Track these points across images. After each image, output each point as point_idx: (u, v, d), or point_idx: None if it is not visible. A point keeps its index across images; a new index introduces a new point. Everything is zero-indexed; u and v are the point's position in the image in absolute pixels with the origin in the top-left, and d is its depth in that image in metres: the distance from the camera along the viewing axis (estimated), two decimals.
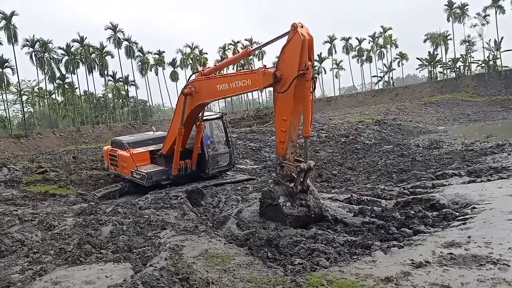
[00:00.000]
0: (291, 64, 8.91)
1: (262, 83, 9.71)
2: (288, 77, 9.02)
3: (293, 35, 8.73)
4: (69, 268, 7.59)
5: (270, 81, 9.36)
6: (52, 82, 76.86)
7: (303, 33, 8.57)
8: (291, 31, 8.76)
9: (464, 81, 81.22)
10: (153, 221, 10.22)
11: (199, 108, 13.13)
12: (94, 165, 22.62)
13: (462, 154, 18.67)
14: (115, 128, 72.68)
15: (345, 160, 21.60)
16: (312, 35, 8.79)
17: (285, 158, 9.74)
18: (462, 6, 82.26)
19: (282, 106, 9.46)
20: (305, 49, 8.62)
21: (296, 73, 8.76)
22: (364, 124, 34.63)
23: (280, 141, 9.80)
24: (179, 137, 13.56)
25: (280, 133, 9.73)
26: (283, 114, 9.49)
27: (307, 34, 8.63)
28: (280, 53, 9.19)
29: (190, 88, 12.36)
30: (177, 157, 14.15)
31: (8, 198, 15.27)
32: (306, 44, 8.59)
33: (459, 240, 7.37)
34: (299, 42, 8.58)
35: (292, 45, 8.80)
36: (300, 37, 8.54)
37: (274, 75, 9.19)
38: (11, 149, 54.10)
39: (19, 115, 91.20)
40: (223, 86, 11.12)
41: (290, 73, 8.96)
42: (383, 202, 11.41)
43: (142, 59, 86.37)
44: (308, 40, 8.59)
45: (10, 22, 65.43)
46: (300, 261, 7.44)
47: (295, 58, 8.75)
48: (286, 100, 9.26)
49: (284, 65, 9.13)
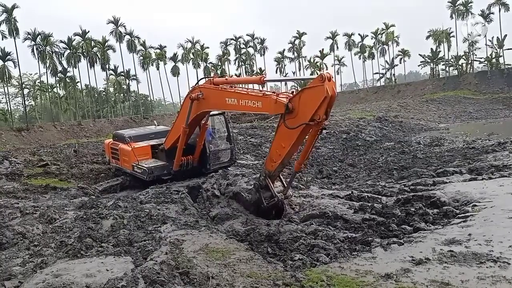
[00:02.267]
0: (305, 109, 8.81)
1: (273, 110, 9.72)
2: (298, 115, 8.94)
3: (318, 85, 8.54)
4: (70, 261, 7.62)
5: (281, 111, 9.28)
6: (54, 76, 76.78)
7: (328, 88, 8.37)
8: (317, 79, 8.56)
9: (466, 78, 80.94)
10: (153, 216, 10.24)
11: (205, 113, 13.14)
12: (95, 159, 22.63)
13: (463, 152, 18.64)
14: (116, 122, 72.64)
15: (346, 156, 21.58)
16: (335, 91, 8.62)
17: (271, 175, 10.19)
18: (465, 3, 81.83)
19: (284, 135, 9.45)
20: (324, 104, 8.50)
21: (307, 120, 8.71)
22: (366, 120, 34.59)
23: (272, 159, 9.99)
24: (183, 136, 13.57)
25: (274, 153, 9.89)
26: (282, 141, 9.55)
27: (332, 90, 8.44)
28: (300, 91, 9.11)
29: (197, 93, 12.26)
30: (179, 154, 14.20)
31: (9, 191, 15.30)
32: (328, 100, 8.46)
33: (459, 238, 7.37)
34: (322, 96, 8.43)
35: (314, 94, 8.65)
36: (324, 93, 8.37)
37: (286, 106, 9.07)
38: (13, 142, 54.13)
39: (20, 108, 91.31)
40: (232, 100, 11.06)
41: (302, 115, 8.87)
42: (384, 199, 11.42)
43: (143, 53, 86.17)
44: (331, 97, 8.44)
45: (11, 15, 65.29)
46: (300, 257, 7.47)
47: (312, 106, 8.63)
48: (290, 134, 9.23)
49: (298, 104, 8.97)
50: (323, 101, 8.47)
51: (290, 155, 9.85)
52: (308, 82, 9.36)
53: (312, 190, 13.70)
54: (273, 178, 10.35)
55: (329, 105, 8.64)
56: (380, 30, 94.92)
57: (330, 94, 8.38)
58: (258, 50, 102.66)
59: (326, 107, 8.56)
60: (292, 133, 9.14)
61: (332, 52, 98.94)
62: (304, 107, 8.82)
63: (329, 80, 8.43)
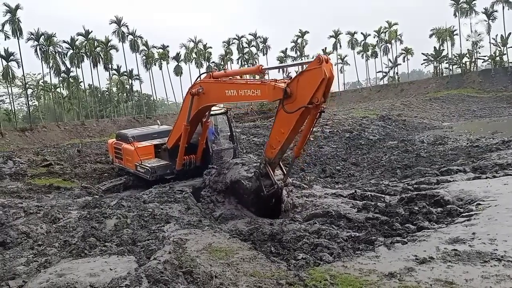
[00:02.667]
0: (303, 92, 8.79)
1: (272, 96, 9.65)
2: (297, 100, 8.93)
3: (315, 68, 8.51)
4: (74, 260, 7.63)
5: (279, 96, 9.27)
6: (57, 76, 77.03)
7: (326, 70, 8.34)
8: (315, 61, 8.53)
9: (470, 77, 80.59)
10: (157, 215, 10.25)
11: (206, 109, 13.12)
12: (98, 159, 22.71)
13: (467, 150, 18.59)
14: (119, 122, 72.79)
15: (349, 155, 21.55)
16: (333, 74, 8.57)
17: (270, 161, 10.13)
18: (469, 1, 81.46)
19: (283, 120, 9.45)
20: (322, 86, 8.46)
21: (305, 103, 8.69)
22: (369, 119, 34.50)
23: (271, 146, 9.98)
24: (184, 134, 13.56)
25: (274, 140, 9.88)
26: (282, 126, 9.54)
27: (330, 72, 8.41)
28: (298, 75, 9.09)
29: (198, 88, 12.29)
30: (182, 153, 14.17)
31: (13, 190, 15.38)
32: (326, 82, 8.41)
33: (463, 237, 7.35)
34: (319, 77, 8.40)
35: (312, 76, 8.63)
36: (322, 75, 8.33)
37: (284, 91, 9.07)
38: (16, 142, 54.35)
39: (24, 108, 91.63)
40: (232, 92, 11.08)
41: (300, 99, 8.86)
42: (387, 198, 11.40)
43: (146, 53, 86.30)
44: (328, 79, 8.40)
45: (15, 15, 65.52)
46: (304, 256, 7.45)
47: (310, 89, 8.61)
48: (289, 118, 9.23)
49: (296, 88, 8.97)
50: (321, 83, 8.43)
51: (290, 141, 9.82)
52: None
53: (315, 189, 13.69)
54: (273, 165, 10.26)
55: (327, 87, 8.59)
56: (383, 29, 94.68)
57: (328, 76, 8.36)
58: (260, 49, 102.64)
59: (324, 89, 8.52)
60: (291, 118, 9.13)
61: (335, 51, 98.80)
62: (303, 90, 8.81)
63: (326, 62, 8.42)
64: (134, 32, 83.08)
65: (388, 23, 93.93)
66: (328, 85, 8.55)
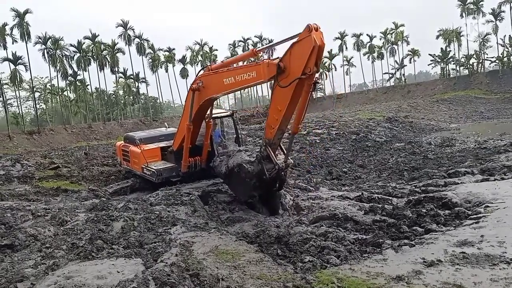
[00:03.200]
0: (296, 64, 8.85)
1: (267, 74, 9.69)
2: (290, 73, 9.00)
3: (305, 37, 8.57)
4: (81, 263, 7.67)
5: (274, 73, 9.35)
6: (64, 79, 77.66)
7: (316, 38, 8.38)
8: (305, 31, 8.59)
9: (477, 78, 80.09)
10: (163, 217, 10.28)
11: (207, 103, 13.10)
12: (105, 161, 22.82)
13: (475, 152, 18.45)
14: (125, 125, 73.24)
15: (356, 157, 21.47)
16: (324, 42, 8.60)
17: (271, 143, 10.03)
18: (476, 2, 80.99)
19: (279, 97, 9.53)
20: (313, 55, 8.48)
21: (299, 74, 8.74)
22: (375, 121, 34.37)
23: (270, 126, 9.97)
24: (187, 134, 13.55)
25: (272, 119, 9.89)
26: (278, 104, 9.57)
27: (320, 40, 8.45)
28: (289, 48, 9.13)
29: (197, 83, 12.41)
30: (186, 154, 14.10)
31: (21, 193, 15.48)
32: (316, 50, 8.44)
33: (471, 239, 7.29)
34: (310, 46, 8.45)
35: (302, 46, 8.69)
36: (312, 42, 8.39)
37: (277, 66, 9.16)
38: (24, 145, 54.83)
39: (31, 111, 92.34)
40: (229, 79, 11.17)
41: (293, 71, 8.93)
42: (394, 200, 11.35)
43: (152, 56, 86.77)
44: (319, 47, 8.43)
45: (23, 20, 66.15)
46: (310, 259, 7.43)
47: (302, 59, 8.66)
48: (284, 94, 9.28)
49: (289, 61, 9.07)
50: (312, 52, 8.42)
51: (287, 118, 9.73)
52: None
53: (322, 191, 13.66)
54: (273, 146, 10.19)
55: (319, 56, 8.58)
56: (389, 30, 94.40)
57: (318, 43, 8.36)
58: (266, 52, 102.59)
59: (316, 58, 8.51)
60: (286, 92, 9.17)
61: (341, 53, 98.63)
62: (295, 62, 8.85)
63: (316, 30, 8.41)
64: (140, 35, 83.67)
65: (394, 24, 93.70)
66: (319, 53, 8.56)
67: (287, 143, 11.04)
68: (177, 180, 14.78)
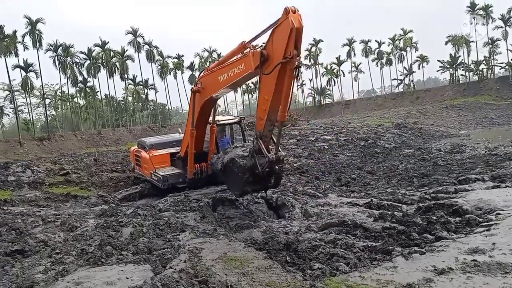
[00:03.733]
0: (278, 49, 8.81)
1: (253, 64, 9.66)
2: (273, 59, 8.97)
3: (283, 20, 8.51)
4: (91, 269, 7.71)
5: (259, 61, 9.33)
6: (74, 86, 78.52)
7: (293, 20, 8.29)
8: (283, 14, 8.51)
9: (487, 84, 79.46)
10: (172, 224, 10.31)
11: (208, 104, 13.11)
12: (115, 167, 22.95)
13: (485, 159, 18.25)
14: (134, 131, 73.70)
15: (365, 164, 21.34)
16: (302, 24, 8.42)
17: (261, 135, 9.91)
18: (485, 7, 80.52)
19: (265, 86, 9.50)
20: (292, 37, 8.38)
21: (280, 59, 8.67)
22: (384, 127, 34.20)
23: (260, 117, 9.93)
24: (191, 140, 13.53)
25: (261, 110, 9.86)
26: (265, 93, 9.52)
27: (298, 21, 8.33)
28: (270, 34, 9.11)
29: (197, 85, 12.61)
30: (191, 160, 14.01)
31: (31, 199, 15.63)
32: (294, 32, 8.32)
33: (483, 247, 7.20)
34: (288, 29, 8.38)
35: (281, 30, 8.65)
36: (289, 24, 8.31)
37: (261, 54, 9.15)
38: (35, 151, 55.40)
39: (42, 118, 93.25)
40: (223, 76, 11.27)
41: (275, 57, 8.89)
42: (404, 207, 11.25)
43: (161, 63, 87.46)
44: (296, 29, 8.30)
45: (35, 28, 67.10)
46: (319, 266, 7.38)
47: (283, 44, 8.60)
48: (269, 81, 9.24)
49: (271, 47, 9.05)
50: (290, 35, 8.33)
51: (274, 107, 9.54)
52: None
53: (331, 198, 13.59)
54: (264, 139, 10.02)
55: (297, 38, 8.45)
56: (398, 36, 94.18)
57: (296, 25, 8.25)
58: None
59: (295, 41, 8.40)
60: (270, 80, 9.14)
61: (349, 59, 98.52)
62: (277, 47, 8.82)
63: (294, 12, 8.34)
64: (150, 42, 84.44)
65: (403, 30, 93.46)
66: (298, 35, 8.43)
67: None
68: (184, 186, 14.74)
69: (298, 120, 49.29)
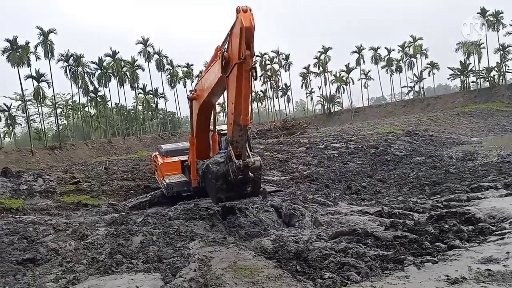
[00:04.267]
0: (234, 50, 8.64)
1: (219, 66, 9.43)
2: (232, 61, 8.80)
3: (236, 20, 8.32)
4: (101, 277, 7.72)
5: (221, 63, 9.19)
6: (85, 95, 79.59)
7: (243, 19, 8.02)
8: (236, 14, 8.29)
9: (499, 90, 78.76)
10: (182, 232, 10.31)
11: (205, 111, 12.96)
12: (125, 176, 23.07)
13: (498, 166, 18.02)
14: (144, 140, 74.29)
15: (375, 172, 21.20)
16: (253, 24, 8.11)
17: (232, 140, 9.64)
18: (496, 14, 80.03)
19: (229, 89, 9.29)
20: (242, 38, 8.13)
21: (236, 60, 8.49)
22: (394, 135, 33.99)
23: (229, 122, 9.72)
24: (191, 148, 13.42)
25: (229, 115, 9.66)
26: (231, 97, 9.29)
27: (248, 21, 8.04)
28: (229, 35, 8.95)
29: (193, 93, 12.66)
30: (193, 169, 13.73)
31: (43, 207, 15.75)
32: (244, 32, 8.04)
33: (497, 256, 7.07)
34: (238, 29, 8.21)
35: (235, 31, 8.46)
36: (239, 24, 8.11)
37: (222, 56, 8.98)
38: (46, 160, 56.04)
39: (53, 127, 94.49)
40: (206, 81, 11.18)
41: (233, 58, 8.72)
42: (416, 216, 11.12)
43: (171, 72, 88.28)
44: (246, 28, 8.00)
45: (47, 38, 68.24)
46: (330, 275, 7.30)
47: (237, 44, 8.41)
48: (231, 84, 9.04)
49: (231, 51, 8.85)
50: (240, 35, 8.11)
51: (238, 110, 9.16)
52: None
53: (341, 206, 13.50)
54: (235, 144, 9.67)
55: (248, 38, 8.13)
56: (408, 43, 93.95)
57: (245, 25, 7.96)
58: (282, 66, 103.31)
59: (246, 41, 8.13)
60: (231, 82, 8.98)
61: (358, 66, 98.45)
62: (234, 48, 8.63)
63: (244, 11, 8.07)
64: (160, 51, 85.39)
65: (412, 37, 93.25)
66: (248, 35, 8.10)
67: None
68: (188, 195, 14.65)
69: (307, 128, 49.27)
